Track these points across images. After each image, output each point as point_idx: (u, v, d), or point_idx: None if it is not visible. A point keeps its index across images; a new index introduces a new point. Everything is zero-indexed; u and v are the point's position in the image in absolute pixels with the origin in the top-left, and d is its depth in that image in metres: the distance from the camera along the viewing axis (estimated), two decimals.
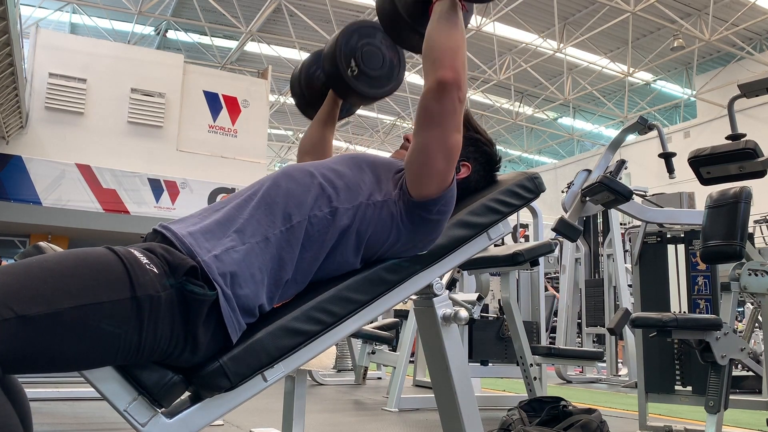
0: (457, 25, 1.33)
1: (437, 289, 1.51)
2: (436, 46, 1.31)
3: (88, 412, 3.41)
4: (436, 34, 1.32)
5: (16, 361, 0.96)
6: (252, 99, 12.45)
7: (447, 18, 1.33)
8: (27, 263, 1.02)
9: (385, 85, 1.77)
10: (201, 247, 1.16)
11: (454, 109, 1.29)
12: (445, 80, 1.28)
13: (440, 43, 1.31)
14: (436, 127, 1.30)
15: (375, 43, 1.76)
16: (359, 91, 1.73)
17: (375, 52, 1.74)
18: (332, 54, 1.71)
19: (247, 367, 1.18)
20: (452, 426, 1.54)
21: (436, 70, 1.29)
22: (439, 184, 1.33)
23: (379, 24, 1.75)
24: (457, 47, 1.31)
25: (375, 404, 4.24)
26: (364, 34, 1.75)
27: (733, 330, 2.57)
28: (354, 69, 1.71)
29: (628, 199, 2.97)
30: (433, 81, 1.29)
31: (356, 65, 1.71)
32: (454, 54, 1.30)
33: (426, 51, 1.33)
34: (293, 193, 1.28)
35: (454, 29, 1.33)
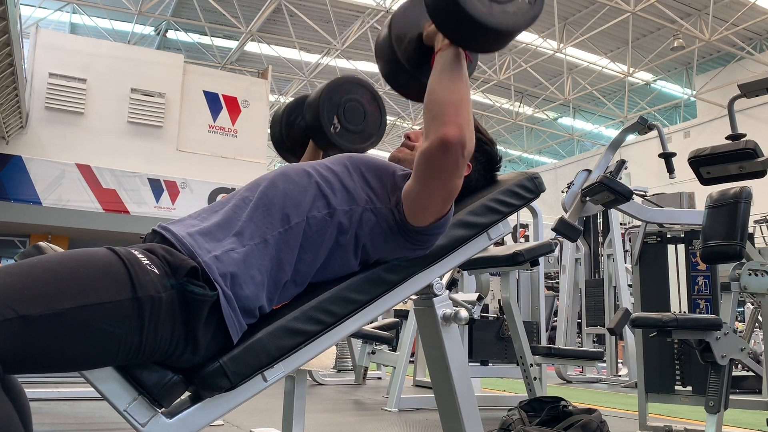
0: (461, 76, 1.26)
1: (437, 289, 1.51)
2: (438, 101, 1.24)
3: (88, 412, 3.41)
4: (439, 87, 1.25)
5: (17, 360, 0.96)
6: (252, 99, 12.45)
7: (450, 70, 1.26)
8: (28, 263, 1.02)
9: (367, 140, 1.83)
10: (201, 248, 1.16)
11: (457, 164, 1.24)
12: (448, 139, 1.21)
13: (443, 98, 1.24)
14: (436, 179, 1.27)
15: (357, 98, 1.81)
16: (341, 146, 1.78)
17: (357, 107, 1.79)
18: (315, 109, 1.75)
19: (247, 367, 1.18)
20: (452, 426, 1.54)
21: (438, 126, 1.22)
22: (437, 215, 1.33)
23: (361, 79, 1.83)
24: (461, 101, 1.24)
25: (375, 404, 4.24)
26: (346, 90, 1.80)
27: (733, 330, 2.57)
28: (336, 126, 1.76)
29: (628, 199, 2.97)
30: (436, 138, 1.22)
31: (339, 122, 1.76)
32: (458, 109, 1.23)
33: (428, 105, 1.26)
34: (291, 193, 1.28)
35: (458, 82, 1.25)
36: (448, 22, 1.22)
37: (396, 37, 1.38)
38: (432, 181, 1.27)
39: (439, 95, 1.25)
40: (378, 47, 1.43)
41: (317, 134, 1.79)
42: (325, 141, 1.79)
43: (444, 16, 1.22)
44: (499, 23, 1.20)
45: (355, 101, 1.80)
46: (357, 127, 1.80)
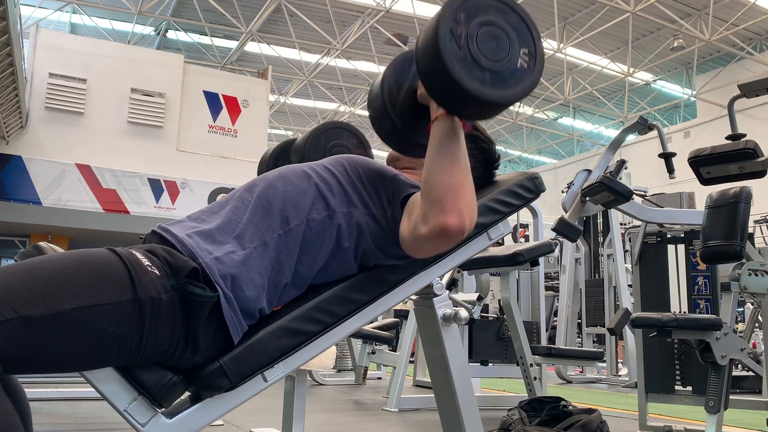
0: (459, 155, 1.19)
1: (437, 289, 1.51)
2: (437, 185, 1.17)
3: (88, 412, 3.41)
4: (438, 168, 1.18)
5: (18, 361, 0.96)
6: (252, 99, 12.45)
7: (447, 147, 1.18)
8: (29, 264, 1.02)
9: None
10: (202, 249, 1.16)
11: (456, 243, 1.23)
12: (448, 228, 1.16)
13: (441, 182, 1.17)
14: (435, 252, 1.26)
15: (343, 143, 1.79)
16: None
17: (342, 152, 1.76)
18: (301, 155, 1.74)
19: (247, 367, 1.18)
20: (452, 426, 1.54)
21: (438, 214, 1.16)
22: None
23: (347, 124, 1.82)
24: (460, 185, 1.17)
25: (375, 404, 4.24)
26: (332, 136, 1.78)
27: (733, 330, 2.57)
28: None
29: (628, 199, 2.97)
30: (436, 226, 1.17)
31: None
32: (457, 194, 1.16)
33: (426, 187, 1.19)
34: (290, 195, 1.27)
35: (456, 163, 1.18)
36: (442, 93, 1.16)
37: (388, 93, 1.31)
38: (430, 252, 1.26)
39: (438, 179, 1.17)
40: (370, 100, 1.36)
41: None
42: None
43: (437, 86, 1.15)
44: (496, 96, 1.12)
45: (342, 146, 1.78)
46: None
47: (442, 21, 1.10)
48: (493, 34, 1.14)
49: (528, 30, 1.18)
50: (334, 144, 1.77)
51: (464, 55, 1.10)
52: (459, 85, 1.09)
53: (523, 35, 1.17)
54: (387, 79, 1.32)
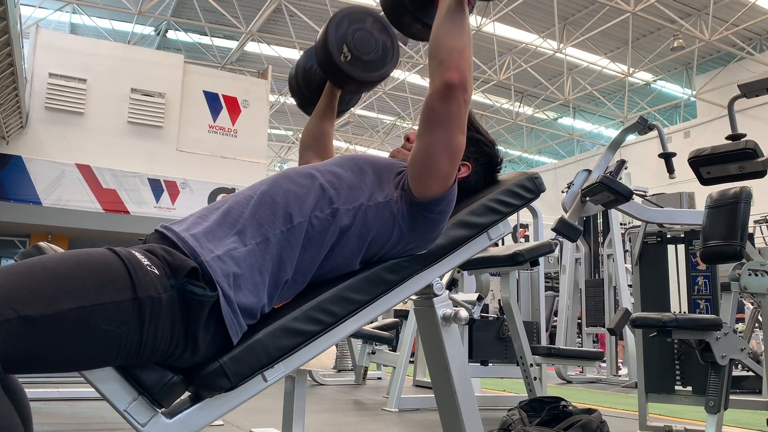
0: (464, 25, 1.33)
1: (437, 289, 1.51)
2: (442, 47, 1.31)
3: (88, 412, 3.41)
4: (443, 34, 1.32)
5: (18, 360, 0.96)
6: (252, 99, 12.44)
7: (453, 17, 1.32)
8: (29, 264, 1.02)
9: (380, 68, 1.74)
10: (203, 247, 1.16)
11: (459, 111, 1.30)
12: (451, 82, 1.28)
13: (447, 44, 1.30)
14: (440, 128, 1.31)
15: (366, 27, 1.74)
16: (354, 76, 1.70)
17: (366, 36, 1.72)
18: (323, 43, 1.69)
19: (247, 367, 1.18)
20: (452, 426, 1.54)
21: (442, 71, 1.29)
22: (442, 184, 1.33)
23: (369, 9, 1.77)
24: (463, 48, 1.31)
25: (375, 404, 4.24)
26: (353, 20, 1.73)
27: (733, 330, 2.57)
28: (347, 55, 1.69)
29: (628, 199, 2.97)
30: (440, 83, 1.29)
31: (348, 51, 1.69)
32: (460, 55, 1.30)
33: (432, 51, 1.32)
34: (294, 193, 1.28)
35: (461, 29, 1.32)
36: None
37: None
38: (436, 130, 1.31)
39: (443, 42, 1.31)
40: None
41: (328, 67, 1.71)
42: (337, 73, 1.71)
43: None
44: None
45: (364, 30, 1.73)
46: (368, 56, 1.72)
47: None
48: None
49: None
50: (357, 28, 1.72)
51: None
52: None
53: None
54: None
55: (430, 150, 1.31)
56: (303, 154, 1.79)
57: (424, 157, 1.32)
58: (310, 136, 1.80)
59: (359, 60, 1.70)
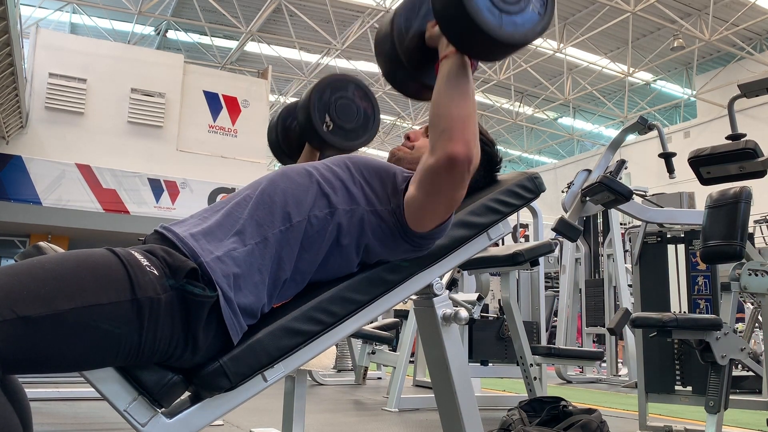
0: (468, 89, 1.23)
1: (437, 289, 1.51)
2: (445, 115, 1.21)
3: (88, 412, 3.41)
4: (446, 101, 1.22)
5: (17, 361, 0.96)
6: (252, 99, 12.44)
7: (456, 81, 1.22)
8: (28, 264, 1.02)
9: (361, 136, 1.81)
10: (203, 248, 1.16)
11: (462, 179, 1.23)
12: (455, 156, 1.19)
13: (449, 113, 1.21)
14: (441, 193, 1.26)
15: (348, 95, 1.78)
16: (335, 145, 1.76)
17: (348, 104, 1.77)
18: (306, 110, 1.74)
19: (247, 367, 1.18)
20: (452, 426, 1.54)
21: (445, 143, 1.20)
22: (438, 223, 1.33)
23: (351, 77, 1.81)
24: (468, 116, 1.21)
25: (375, 404, 4.24)
26: (336, 87, 1.78)
27: (733, 330, 2.57)
28: (329, 124, 1.75)
29: (628, 199, 2.97)
30: (443, 155, 1.20)
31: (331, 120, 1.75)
32: (465, 125, 1.21)
33: (434, 119, 1.23)
34: (292, 192, 1.27)
35: (464, 95, 1.22)
36: (457, 32, 1.18)
37: (398, 33, 1.33)
38: (436, 195, 1.26)
39: (446, 110, 1.22)
40: (378, 42, 1.38)
41: (310, 134, 1.78)
42: (318, 140, 1.78)
43: (453, 25, 1.18)
44: (509, 36, 1.16)
45: (346, 98, 1.78)
46: (350, 125, 1.78)
47: None
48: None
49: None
50: (339, 96, 1.77)
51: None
52: (473, 21, 1.13)
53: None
54: (397, 18, 1.34)
55: (428, 205, 1.28)
56: None
57: (421, 208, 1.28)
58: None
59: (341, 129, 1.77)
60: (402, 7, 1.36)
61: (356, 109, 1.79)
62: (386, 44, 1.35)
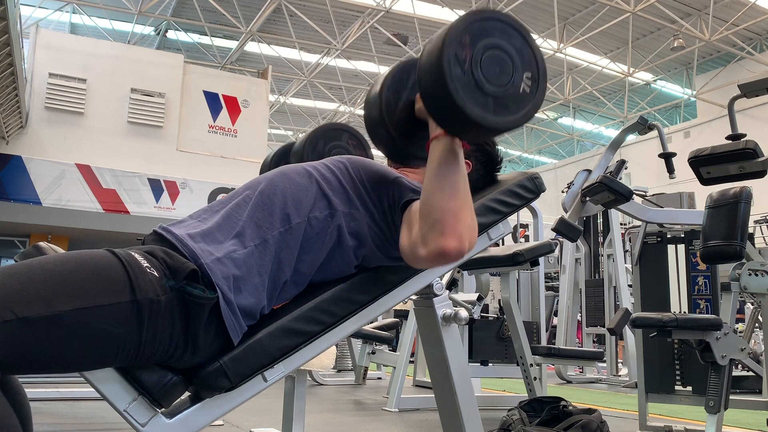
0: (459, 178, 1.17)
1: (437, 289, 1.51)
2: (436, 208, 1.15)
3: (88, 412, 3.41)
4: (437, 191, 1.16)
5: (16, 362, 0.96)
6: (252, 99, 12.45)
7: (447, 168, 1.16)
8: (28, 264, 1.02)
9: None
10: (203, 250, 1.16)
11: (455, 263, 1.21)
12: (447, 251, 1.14)
13: (441, 205, 1.15)
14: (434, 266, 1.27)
15: (342, 144, 1.76)
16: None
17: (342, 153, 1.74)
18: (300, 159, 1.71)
19: (247, 368, 1.18)
20: (452, 426, 1.54)
21: (437, 237, 1.14)
22: None
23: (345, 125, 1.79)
24: (460, 208, 1.15)
25: (375, 404, 4.24)
26: (329, 137, 1.76)
27: (733, 330, 2.57)
28: None
29: (628, 199, 2.97)
30: (434, 248, 1.15)
31: None
32: (457, 217, 1.15)
33: (424, 209, 1.17)
34: (291, 193, 1.27)
35: (455, 185, 1.16)
36: (445, 118, 1.14)
37: (386, 102, 1.29)
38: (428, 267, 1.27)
39: (437, 201, 1.15)
40: (367, 107, 1.34)
41: None
42: None
43: (440, 112, 1.13)
44: (499, 123, 1.11)
45: (341, 148, 1.76)
46: None
47: (447, 44, 1.08)
48: (497, 58, 1.12)
49: (532, 53, 1.16)
50: (333, 146, 1.75)
51: (468, 80, 1.09)
52: (462, 111, 1.08)
53: (526, 59, 1.15)
54: (385, 90, 1.30)
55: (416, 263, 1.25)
56: None
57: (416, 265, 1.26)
58: None
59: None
60: (390, 77, 1.32)
61: None
62: (374, 111, 1.31)
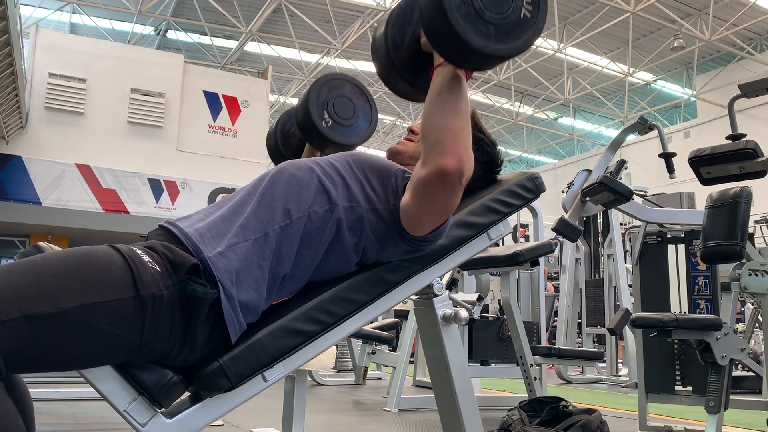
0: (460, 101, 1.21)
1: (437, 289, 1.51)
2: (436, 128, 1.20)
3: (88, 412, 3.41)
4: (437, 113, 1.20)
5: (21, 360, 0.96)
6: (252, 99, 12.44)
7: (448, 92, 1.20)
8: (31, 261, 1.02)
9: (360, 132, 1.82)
10: (207, 243, 1.17)
11: (453, 191, 1.23)
12: (446, 169, 1.18)
13: (441, 125, 1.19)
14: (434, 204, 1.26)
15: (345, 93, 1.81)
16: (334, 140, 1.78)
17: (346, 102, 1.79)
18: (305, 108, 1.76)
19: (247, 367, 1.18)
20: (452, 426, 1.54)
21: (437, 156, 1.18)
22: (434, 228, 1.33)
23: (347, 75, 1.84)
24: (460, 129, 1.20)
25: (375, 404, 4.24)
26: (333, 86, 1.81)
27: (733, 330, 2.57)
28: (328, 121, 1.77)
29: (628, 199, 2.97)
30: (434, 168, 1.19)
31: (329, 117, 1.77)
32: (457, 138, 1.19)
33: (425, 130, 1.22)
34: (292, 188, 1.28)
35: (457, 108, 1.20)
36: (447, 49, 1.16)
37: (392, 40, 1.32)
38: (429, 204, 1.26)
39: (438, 122, 1.20)
40: (374, 47, 1.37)
41: (310, 132, 1.80)
42: (318, 137, 1.79)
43: (442, 42, 1.16)
44: (501, 50, 1.13)
45: (344, 96, 1.81)
46: (348, 121, 1.80)
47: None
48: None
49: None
50: (336, 94, 1.79)
51: (468, 10, 1.10)
52: (463, 41, 1.10)
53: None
54: (390, 28, 1.33)
55: (422, 214, 1.28)
56: None
57: (415, 216, 1.28)
58: None
59: (340, 125, 1.79)
60: (394, 15, 1.34)
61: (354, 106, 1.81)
62: (381, 50, 1.34)
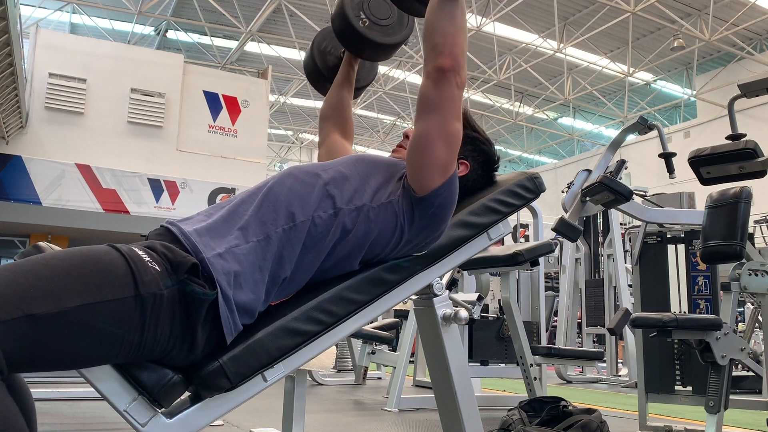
0: (459, 8, 1.32)
1: (437, 289, 1.51)
2: (436, 31, 1.31)
3: (88, 412, 3.41)
4: (437, 18, 1.32)
5: (23, 359, 0.97)
6: (252, 99, 12.44)
7: (444, 3, 1.32)
8: (32, 261, 1.02)
9: (398, 32, 1.80)
10: (206, 245, 1.17)
11: (452, 96, 1.31)
12: (443, 67, 1.29)
13: (440, 29, 1.31)
14: (435, 114, 1.31)
15: None
16: (374, 39, 1.76)
17: (381, 3, 1.78)
18: (341, 11, 1.75)
19: (247, 367, 1.18)
20: (452, 426, 1.54)
21: (435, 56, 1.30)
22: (441, 173, 1.32)
23: None
24: (457, 33, 1.31)
25: (375, 404, 4.24)
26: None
27: (733, 330, 2.57)
28: (365, 20, 1.75)
29: (628, 199, 2.97)
30: (432, 67, 1.31)
31: (366, 17, 1.75)
32: (454, 40, 1.30)
33: (426, 34, 1.33)
34: (298, 192, 1.28)
35: (454, 14, 1.31)
36: None
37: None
38: (431, 116, 1.31)
39: (437, 26, 1.31)
40: None
41: (348, 35, 1.77)
42: (356, 38, 1.76)
43: None
44: None
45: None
46: (385, 21, 1.79)
47: None
48: None
49: None
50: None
51: None
52: None
53: None
54: None
55: (426, 138, 1.31)
56: (322, 125, 1.84)
57: (421, 145, 1.32)
58: (329, 107, 1.84)
59: (377, 25, 1.77)
60: None
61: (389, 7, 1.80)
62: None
